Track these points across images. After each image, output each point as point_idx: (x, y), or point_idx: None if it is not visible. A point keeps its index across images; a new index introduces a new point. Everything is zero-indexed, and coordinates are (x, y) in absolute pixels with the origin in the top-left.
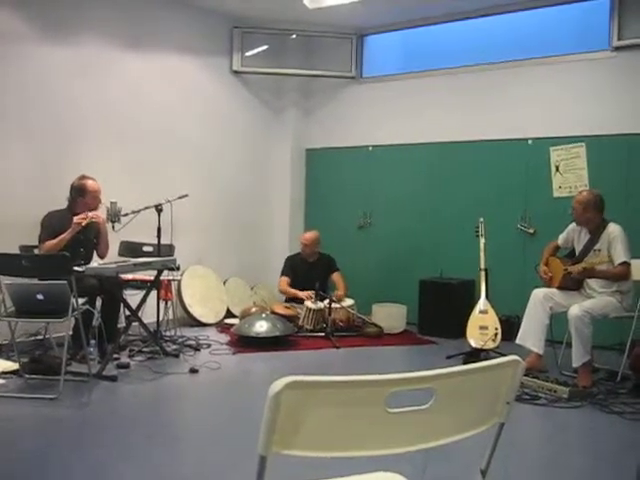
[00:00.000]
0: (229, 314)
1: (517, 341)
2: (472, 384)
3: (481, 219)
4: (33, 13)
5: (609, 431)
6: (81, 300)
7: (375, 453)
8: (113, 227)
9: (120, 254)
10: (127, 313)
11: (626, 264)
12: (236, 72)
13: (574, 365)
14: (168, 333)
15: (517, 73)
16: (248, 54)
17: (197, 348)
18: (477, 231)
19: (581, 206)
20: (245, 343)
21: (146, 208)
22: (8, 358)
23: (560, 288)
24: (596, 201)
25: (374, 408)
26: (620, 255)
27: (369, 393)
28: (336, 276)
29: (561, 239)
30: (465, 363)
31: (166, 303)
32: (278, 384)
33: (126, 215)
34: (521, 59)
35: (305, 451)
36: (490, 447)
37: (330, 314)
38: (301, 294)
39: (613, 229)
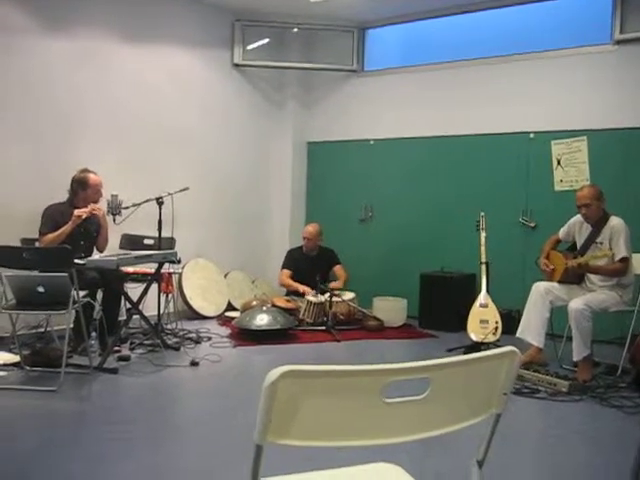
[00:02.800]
0: (230, 307)
1: (517, 335)
2: (468, 375)
3: (482, 213)
4: (35, 6)
5: (608, 425)
6: (82, 293)
7: (371, 443)
8: (114, 220)
9: (121, 247)
10: (128, 306)
11: (626, 260)
12: (237, 65)
13: (574, 359)
14: (169, 326)
15: (519, 66)
16: (249, 47)
17: (198, 341)
18: (478, 225)
19: (596, 200)
20: (246, 336)
21: (147, 201)
22: (9, 350)
23: (561, 282)
24: (601, 193)
25: (370, 398)
26: (621, 250)
27: (365, 383)
28: (338, 269)
29: (562, 232)
30: None
31: (167, 296)
32: (274, 373)
33: (127, 208)
34: (523, 52)
35: (301, 440)
36: (487, 438)
37: (331, 307)
38: (302, 288)
39: (616, 222)
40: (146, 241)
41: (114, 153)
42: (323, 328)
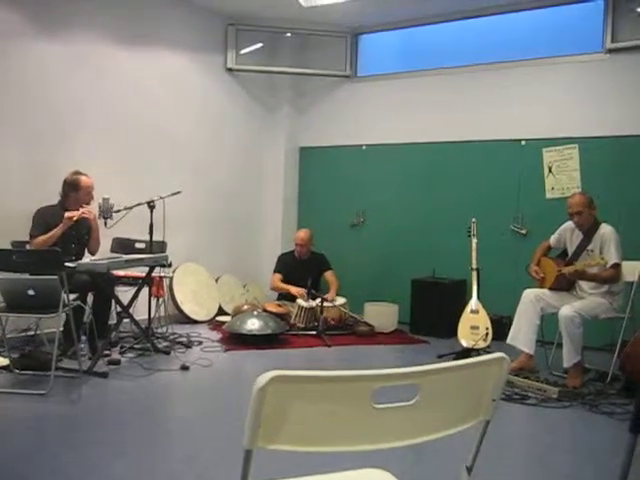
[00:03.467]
0: (221, 311)
1: (508, 341)
2: (457, 381)
3: (474, 219)
4: (31, 10)
5: (598, 431)
6: (72, 296)
7: (361, 448)
8: (105, 223)
9: (112, 250)
10: (118, 309)
11: (617, 266)
12: (230, 70)
13: (564, 365)
14: (159, 330)
15: (510, 74)
16: (242, 52)
17: (188, 345)
18: (469, 231)
19: (587, 208)
20: (237, 341)
21: (138, 204)
22: None
23: (552, 289)
24: (592, 200)
25: (360, 403)
26: (612, 257)
27: (355, 388)
28: (329, 275)
29: (553, 239)
30: None
31: (158, 300)
32: (263, 378)
33: (118, 211)
34: (515, 60)
35: (290, 446)
36: (475, 444)
37: (322, 312)
38: (293, 289)
39: (606, 230)
40: (137, 245)
41: (107, 156)
42: (314, 333)
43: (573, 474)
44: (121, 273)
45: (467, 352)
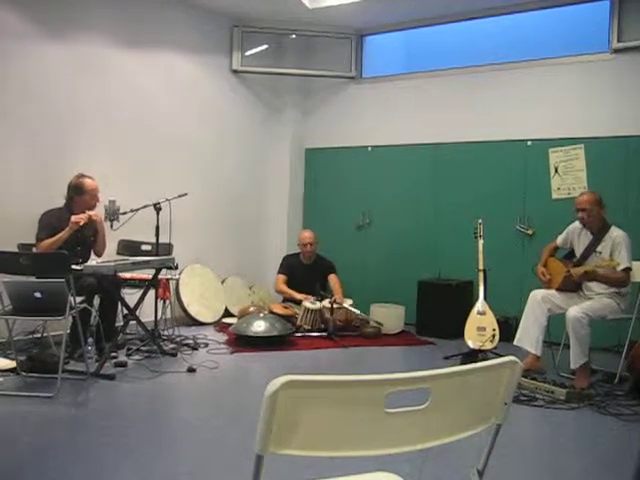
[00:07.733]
0: (227, 313)
1: (515, 342)
2: (469, 384)
3: (480, 220)
4: (33, 11)
5: (606, 433)
6: (79, 298)
7: (372, 453)
8: (111, 225)
9: (118, 253)
10: (125, 312)
11: (628, 270)
12: (236, 71)
13: (572, 366)
14: (166, 332)
15: (516, 74)
16: (248, 53)
17: (195, 347)
18: (476, 232)
19: (596, 207)
20: (243, 342)
21: (145, 207)
22: (6, 356)
23: (559, 290)
24: (601, 199)
25: (372, 408)
26: (624, 261)
27: (367, 393)
28: (332, 279)
29: (560, 239)
30: (463, 364)
31: (164, 302)
32: (275, 383)
33: (124, 214)
34: (521, 60)
35: (302, 451)
36: (487, 447)
37: (332, 314)
38: (298, 296)
39: (618, 234)
40: (143, 247)
41: (112, 158)
42: (320, 334)
43: (581, 476)
44: (127, 275)
45: (474, 353)
